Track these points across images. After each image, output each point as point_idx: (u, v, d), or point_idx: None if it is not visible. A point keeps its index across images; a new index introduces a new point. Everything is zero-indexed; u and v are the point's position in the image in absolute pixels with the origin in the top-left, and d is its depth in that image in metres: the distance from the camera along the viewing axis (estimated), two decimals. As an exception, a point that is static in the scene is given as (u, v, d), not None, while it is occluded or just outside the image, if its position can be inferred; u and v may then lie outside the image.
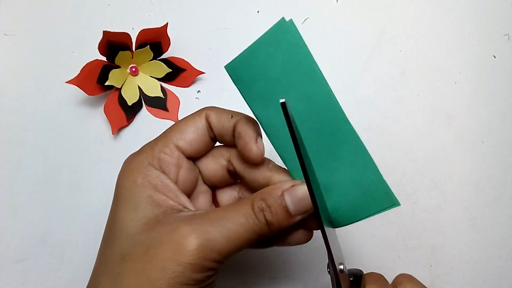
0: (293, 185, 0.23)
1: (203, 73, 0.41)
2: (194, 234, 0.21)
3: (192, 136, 0.25)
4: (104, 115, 0.38)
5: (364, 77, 0.41)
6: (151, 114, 0.40)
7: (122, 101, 0.39)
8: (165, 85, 0.41)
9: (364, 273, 0.26)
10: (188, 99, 0.41)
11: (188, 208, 0.24)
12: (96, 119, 0.40)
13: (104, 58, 0.37)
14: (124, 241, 0.23)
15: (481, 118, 0.41)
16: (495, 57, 0.42)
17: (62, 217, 0.37)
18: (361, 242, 0.37)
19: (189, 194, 0.27)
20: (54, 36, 0.42)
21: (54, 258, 0.36)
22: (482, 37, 0.43)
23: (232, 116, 0.26)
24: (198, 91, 0.41)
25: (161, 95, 0.40)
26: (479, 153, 0.40)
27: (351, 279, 0.25)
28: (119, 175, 0.25)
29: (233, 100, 0.41)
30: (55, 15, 0.42)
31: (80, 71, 0.36)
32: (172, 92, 0.41)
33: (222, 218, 0.22)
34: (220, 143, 0.27)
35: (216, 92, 0.41)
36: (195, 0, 0.43)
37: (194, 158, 0.27)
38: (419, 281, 0.26)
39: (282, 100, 0.17)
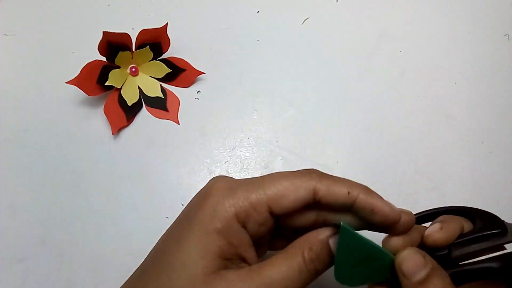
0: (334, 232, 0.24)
1: (203, 73, 0.41)
2: None
3: (288, 206, 0.24)
4: (104, 115, 0.38)
5: (364, 77, 0.41)
6: (151, 114, 0.40)
7: (122, 101, 0.39)
8: (165, 85, 0.41)
9: None
10: (188, 99, 0.41)
11: (247, 263, 0.24)
12: (96, 119, 0.40)
13: (104, 58, 0.37)
14: (183, 281, 0.22)
15: (481, 118, 0.41)
16: (495, 57, 0.42)
17: (62, 217, 0.37)
18: (361, 242, 0.37)
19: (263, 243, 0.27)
20: (54, 36, 0.42)
21: (54, 258, 0.36)
22: (482, 37, 0.43)
23: (349, 193, 0.24)
24: (198, 91, 0.41)
25: (161, 95, 0.40)
26: (479, 153, 0.40)
27: None
28: (201, 198, 0.24)
29: (233, 100, 0.41)
30: (55, 15, 0.42)
31: (80, 71, 0.36)
32: (172, 92, 0.41)
33: (282, 280, 0.22)
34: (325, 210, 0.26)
35: (216, 92, 0.41)
36: (195, 0, 0.43)
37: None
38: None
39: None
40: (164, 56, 0.40)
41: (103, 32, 0.34)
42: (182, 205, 0.37)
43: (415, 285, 0.22)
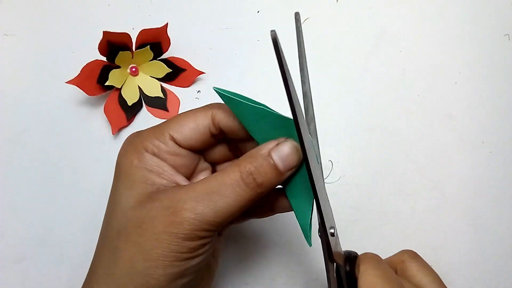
0: (277, 143, 0.24)
1: (203, 73, 0.41)
2: (184, 211, 0.22)
3: (190, 132, 0.26)
4: (104, 115, 0.38)
5: (364, 77, 0.41)
6: (151, 114, 0.40)
7: (122, 101, 0.39)
8: (165, 85, 0.41)
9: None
10: (188, 99, 0.41)
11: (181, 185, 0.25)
12: (96, 119, 0.40)
13: (104, 58, 0.37)
14: (119, 218, 0.24)
15: (481, 118, 0.41)
16: (495, 57, 0.42)
17: (62, 217, 0.37)
18: (361, 242, 0.37)
19: (189, 176, 0.27)
20: (54, 36, 0.42)
21: (54, 258, 0.36)
22: (482, 37, 0.43)
23: None
24: (198, 91, 0.41)
25: (161, 95, 0.40)
26: (479, 153, 0.40)
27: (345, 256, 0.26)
28: (118, 154, 0.26)
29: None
30: (55, 15, 0.42)
31: (80, 71, 0.36)
32: (172, 92, 0.41)
33: (212, 194, 0.23)
34: (231, 138, 0.27)
35: (216, 92, 0.41)
36: (195, 0, 0.43)
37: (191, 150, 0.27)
38: (423, 260, 0.27)
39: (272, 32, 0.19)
40: (164, 56, 0.40)
41: (103, 32, 0.35)
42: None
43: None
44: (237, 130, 0.26)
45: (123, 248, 0.23)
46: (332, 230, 0.24)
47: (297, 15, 0.25)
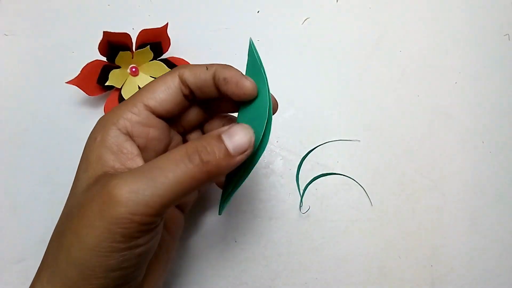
0: (230, 127, 0.23)
1: (203, 73, 0.41)
2: (118, 189, 0.20)
3: (163, 95, 0.25)
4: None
5: (364, 77, 0.42)
6: (151, 114, 0.40)
7: (122, 101, 0.39)
8: (165, 85, 0.41)
9: None
10: (188, 99, 0.41)
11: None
12: (96, 119, 0.39)
13: (104, 58, 0.37)
14: (70, 201, 0.23)
15: (481, 118, 0.41)
16: (495, 57, 0.42)
17: (62, 217, 0.37)
18: (361, 242, 0.37)
19: (160, 152, 0.26)
20: (54, 36, 0.42)
21: (54, 258, 0.36)
22: (482, 37, 0.43)
23: (207, 68, 0.25)
24: (198, 91, 0.41)
25: (161, 95, 0.40)
26: (479, 153, 0.40)
27: None
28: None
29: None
30: (55, 15, 0.42)
31: (80, 71, 0.36)
32: (172, 92, 0.41)
33: (152, 168, 0.21)
34: (200, 97, 0.27)
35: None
36: (195, 0, 0.43)
37: (166, 118, 0.26)
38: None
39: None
40: (164, 56, 0.40)
41: (103, 32, 0.34)
42: (182, 205, 0.37)
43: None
44: (204, 86, 0.25)
45: (66, 233, 0.21)
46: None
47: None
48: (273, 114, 0.25)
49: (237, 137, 0.22)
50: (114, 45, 0.37)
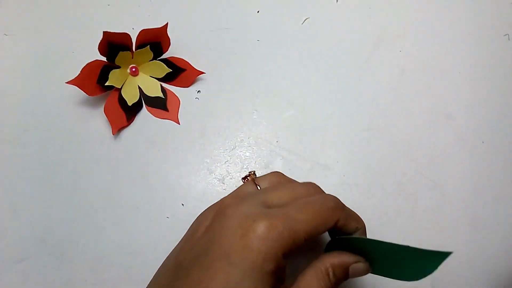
0: (357, 261, 0.27)
1: (203, 73, 0.41)
2: None
3: (319, 234, 0.26)
4: (104, 115, 0.38)
5: (364, 77, 0.42)
6: (151, 114, 0.40)
7: (122, 101, 0.39)
8: (165, 85, 0.41)
9: None
10: (188, 99, 0.41)
11: None
12: (96, 119, 0.40)
13: (104, 58, 0.37)
14: None
15: (481, 118, 0.41)
16: (495, 57, 0.42)
17: (62, 217, 0.37)
18: (361, 242, 0.37)
19: None
20: (54, 36, 0.42)
21: (54, 258, 0.36)
22: (482, 37, 0.43)
23: (356, 227, 0.29)
24: (198, 91, 0.41)
25: (161, 95, 0.40)
26: (479, 153, 0.40)
27: None
28: (239, 229, 0.23)
29: (233, 100, 0.41)
30: (55, 15, 0.42)
31: (80, 71, 0.36)
32: (172, 92, 0.41)
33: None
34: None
35: (216, 92, 0.41)
36: (195, 0, 0.43)
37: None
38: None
39: None
40: (164, 56, 0.40)
41: (103, 32, 0.34)
42: (183, 204, 0.37)
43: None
44: (343, 231, 0.28)
45: None
46: None
47: None
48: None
49: (359, 271, 0.28)
50: (114, 45, 0.37)
